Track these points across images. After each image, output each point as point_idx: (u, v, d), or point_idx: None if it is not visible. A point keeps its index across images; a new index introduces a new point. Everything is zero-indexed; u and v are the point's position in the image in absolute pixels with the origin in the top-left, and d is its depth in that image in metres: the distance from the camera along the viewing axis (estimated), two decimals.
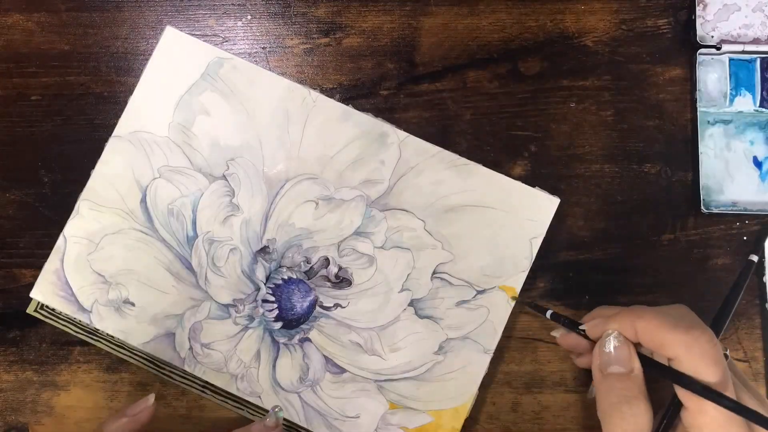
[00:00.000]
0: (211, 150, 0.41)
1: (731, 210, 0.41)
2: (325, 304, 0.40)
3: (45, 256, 0.41)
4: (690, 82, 0.43)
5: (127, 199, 0.41)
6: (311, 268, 0.41)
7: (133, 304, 0.40)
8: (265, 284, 0.41)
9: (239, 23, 0.43)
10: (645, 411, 0.32)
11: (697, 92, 0.42)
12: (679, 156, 0.42)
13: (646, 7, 0.43)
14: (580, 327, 0.35)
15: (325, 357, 0.40)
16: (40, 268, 0.41)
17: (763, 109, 0.42)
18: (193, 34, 0.42)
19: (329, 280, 0.41)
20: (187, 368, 0.40)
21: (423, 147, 0.41)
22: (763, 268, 0.41)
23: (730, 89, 0.42)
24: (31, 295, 0.40)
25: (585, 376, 0.41)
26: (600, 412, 0.33)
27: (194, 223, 0.41)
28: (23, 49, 0.43)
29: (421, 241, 0.40)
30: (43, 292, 0.40)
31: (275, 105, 0.41)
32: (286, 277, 0.41)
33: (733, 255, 0.42)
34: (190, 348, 0.40)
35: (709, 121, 0.42)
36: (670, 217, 0.42)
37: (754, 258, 0.39)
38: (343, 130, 0.41)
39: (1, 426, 0.41)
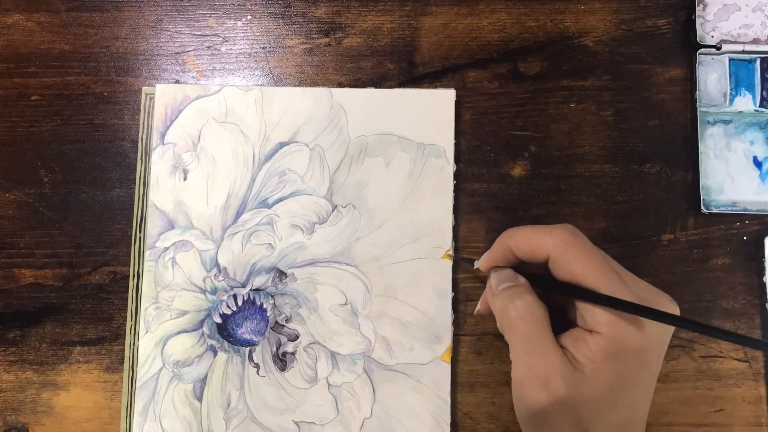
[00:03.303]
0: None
1: (731, 210, 0.41)
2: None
3: (45, 256, 0.41)
4: (690, 82, 0.43)
5: None
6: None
7: None
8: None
9: (239, 23, 0.43)
10: (536, 302, 0.34)
11: (697, 92, 0.42)
12: (679, 156, 0.42)
13: (646, 7, 0.43)
14: (474, 263, 0.38)
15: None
16: (40, 268, 0.41)
17: (763, 109, 0.42)
18: (193, 34, 0.42)
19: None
20: None
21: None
22: (763, 268, 0.41)
23: (730, 89, 0.42)
24: None
25: None
26: (499, 324, 0.35)
27: None
28: (23, 49, 0.43)
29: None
30: None
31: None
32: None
33: (733, 255, 0.42)
34: None
35: (709, 121, 0.42)
36: (670, 217, 0.42)
37: None
38: None
39: (1, 426, 0.41)
